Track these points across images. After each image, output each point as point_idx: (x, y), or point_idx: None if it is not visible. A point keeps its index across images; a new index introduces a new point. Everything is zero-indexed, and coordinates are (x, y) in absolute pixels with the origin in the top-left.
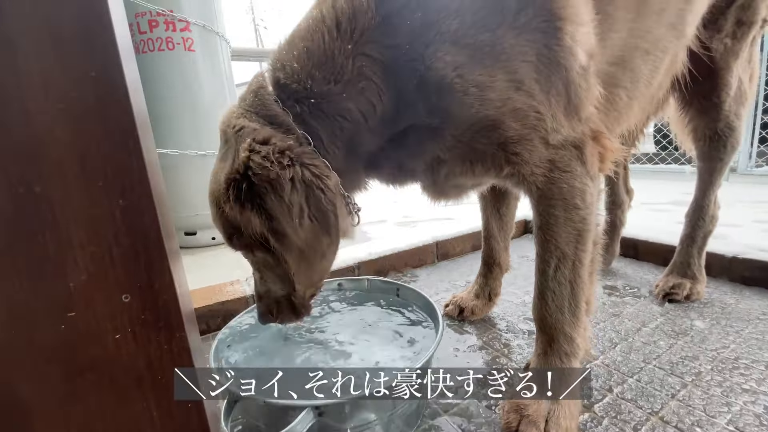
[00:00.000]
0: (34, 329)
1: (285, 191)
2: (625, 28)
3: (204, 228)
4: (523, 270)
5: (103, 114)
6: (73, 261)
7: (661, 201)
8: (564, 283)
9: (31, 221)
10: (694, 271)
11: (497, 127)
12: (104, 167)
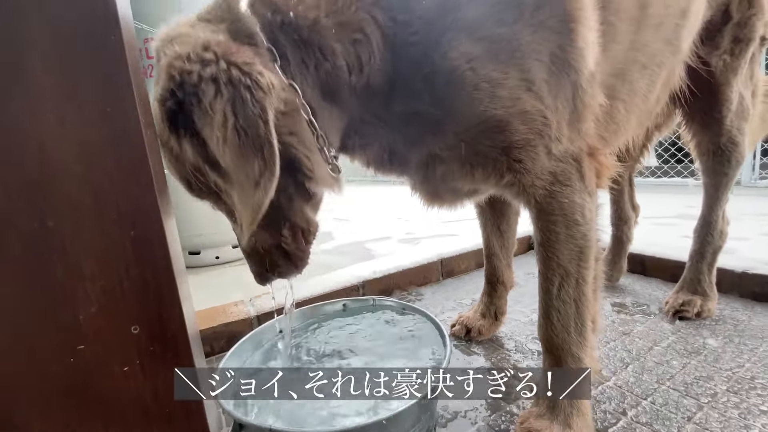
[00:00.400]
0: (44, 362)
1: (207, 96)
2: (626, 39)
3: (208, 247)
4: (530, 287)
5: (118, 149)
6: (84, 293)
7: (665, 215)
8: (569, 301)
9: (43, 255)
10: (704, 288)
11: (504, 128)
12: (117, 200)
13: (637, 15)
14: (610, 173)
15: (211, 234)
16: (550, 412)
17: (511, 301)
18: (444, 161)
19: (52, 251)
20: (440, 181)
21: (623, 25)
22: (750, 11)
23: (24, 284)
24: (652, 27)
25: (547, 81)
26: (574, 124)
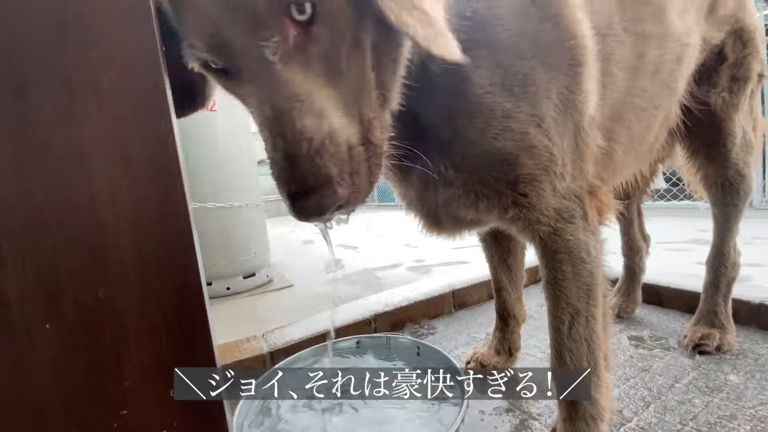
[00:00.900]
0: (88, 427)
1: None
2: (624, 86)
3: (219, 278)
4: (543, 321)
5: (165, 223)
6: (129, 359)
7: (677, 240)
8: (580, 341)
9: (94, 323)
10: (722, 321)
11: (511, 161)
12: (161, 271)
13: (635, 64)
14: (610, 211)
15: (223, 265)
16: None
17: (526, 335)
18: (449, 183)
19: (102, 319)
20: (442, 206)
21: (622, 74)
22: (745, 51)
23: (76, 350)
24: (649, 73)
25: (554, 119)
26: (577, 163)
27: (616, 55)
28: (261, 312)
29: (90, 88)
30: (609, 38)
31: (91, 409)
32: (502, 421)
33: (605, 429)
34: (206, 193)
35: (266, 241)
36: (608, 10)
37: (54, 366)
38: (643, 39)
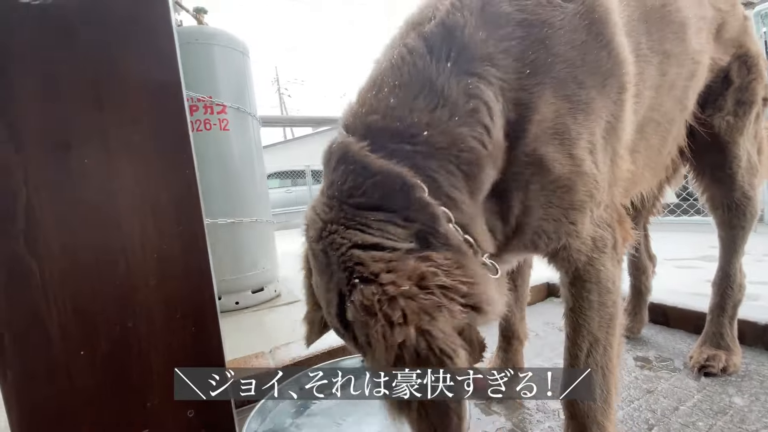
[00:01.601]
0: None
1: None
2: (648, 104)
3: (228, 293)
4: (550, 339)
5: (186, 260)
6: (151, 385)
7: (686, 256)
8: (596, 368)
9: (123, 351)
10: (728, 342)
11: (570, 188)
12: (182, 305)
13: (659, 82)
14: (631, 242)
15: (232, 280)
16: None
17: (531, 354)
18: (520, 231)
19: (130, 348)
20: (509, 253)
21: (648, 93)
22: (750, 76)
23: (107, 376)
24: (666, 89)
25: (602, 147)
26: (610, 190)
27: (645, 74)
28: (269, 326)
29: (123, 145)
30: (639, 59)
31: (118, 427)
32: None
33: None
34: (217, 209)
35: (275, 256)
36: (637, 32)
37: (87, 391)
38: (667, 58)
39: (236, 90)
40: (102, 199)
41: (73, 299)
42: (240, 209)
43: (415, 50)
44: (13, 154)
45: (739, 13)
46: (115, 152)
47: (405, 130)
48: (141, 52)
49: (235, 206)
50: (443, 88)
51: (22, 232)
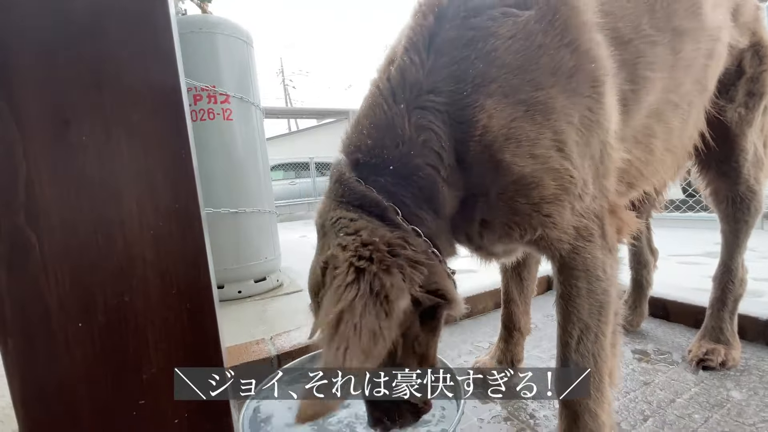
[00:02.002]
0: (111, 417)
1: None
2: (660, 86)
3: (231, 282)
4: (549, 331)
5: (182, 239)
6: (147, 358)
7: (690, 252)
8: (587, 356)
9: (119, 326)
10: (727, 337)
11: (537, 184)
12: (178, 281)
13: (672, 62)
14: (631, 229)
15: (235, 269)
16: None
17: (529, 346)
18: (488, 225)
19: (127, 321)
20: (490, 243)
21: (657, 74)
22: (761, 67)
23: (104, 349)
24: (683, 68)
25: (576, 142)
26: (599, 181)
27: (649, 56)
28: (271, 315)
29: (122, 124)
30: (635, 42)
31: (115, 399)
32: (500, 429)
33: None
34: (220, 199)
35: (277, 246)
36: (634, 13)
37: (85, 362)
38: (679, 35)
39: (240, 79)
40: (100, 176)
41: (72, 272)
42: (243, 199)
43: (383, 94)
44: (14, 130)
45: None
46: (113, 131)
47: (379, 165)
48: (139, 34)
49: (238, 196)
50: (402, 128)
51: (22, 206)
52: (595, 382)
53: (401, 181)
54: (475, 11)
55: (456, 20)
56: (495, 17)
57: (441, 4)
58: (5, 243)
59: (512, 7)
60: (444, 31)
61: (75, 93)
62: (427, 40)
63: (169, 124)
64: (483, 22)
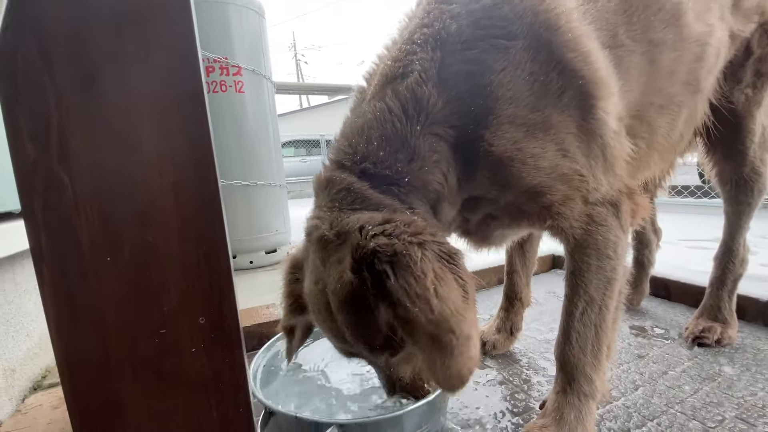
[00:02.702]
0: (136, 343)
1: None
2: (638, 89)
3: (243, 252)
4: (549, 306)
5: (198, 187)
6: (168, 292)
7: (701, 238)
8: (589, 325)
9: (144, 262)
10: (725, 315)
11: (546, 191)
12: (195, 225)
13: (649, 69)
14: (644, 213)
15: (247, 240)
16: (555, 424)
17: (530, 319)
18: (496, 218)
19: (150, 259)
20: (491, 231)
21: (635, 79)
22: None
23: (130, 281)
24: (665, 74)
25: (579, 146)
26: (609, 171)
27: (627, 63)
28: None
29: (142, 79)
30: (614, 50)
31: (139, 327)
32: (494, 391)
33: (594, 408)
34: (233, 172)
35: (288, 220)
36: (613, 24)
37: (113, 291)
38: (655, 46)
39: (252, 52)
40: (123, 126)
41: (100, 212)
42: (254, 172)
43: (393, 111)
44: (47, 81)
45: None
46: (134, 83)
47: (393, 176)
48: None
49: (250, 169)
50: (416, 146)
51: (56, 150)
52: (594, 350)
53: (414, 191)
54: (468, 44)
55: (455, 54)
56: (486, 50)
57: (440, 36)
58: (41, 182)
59: (500, 39)
60: (447, 65)
61: (101, 47)
62: (436, 73)
63: (187, 80)
64: (476, 55)
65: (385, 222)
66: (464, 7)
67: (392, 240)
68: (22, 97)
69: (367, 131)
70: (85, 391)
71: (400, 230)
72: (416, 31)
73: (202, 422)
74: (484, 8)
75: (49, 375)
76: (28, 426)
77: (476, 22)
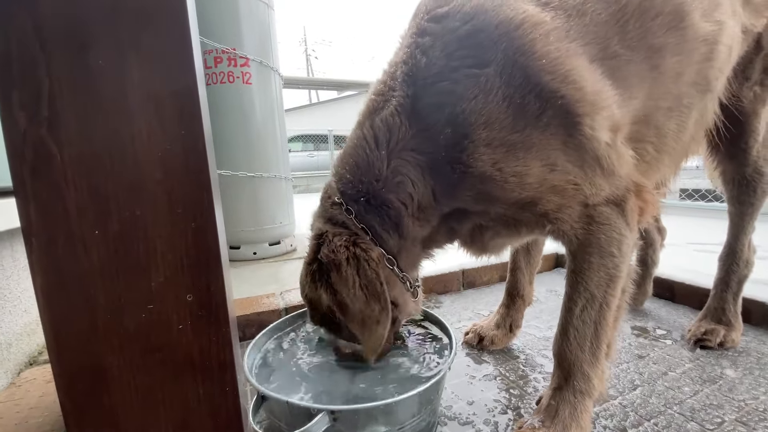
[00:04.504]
0: (123, 316)
1: (342, 267)
2: (642, 94)
3: (247, 243)
4: (550, 305)
5: (186, 160)
6: (156, 267)
7: (709, 241)
8: (588, 323)
9: (131, 236)
10: (729, 318)
11: (537, 203)
12: (183, 199)
13: (653, 74)
14: (654, 211)
15: (251, 231)
16: (550, 420)
17: (529, 317)
18: (490, 228)
19: (137, 232)
20: (488, 241)
21: (637, 86)
22: None
23: (117, 254)
24: (670, 78)
25: (568, 160)
26: (611, 176)
27: (622, 73)
28: (283, 276)
29: (132, 47)
30: (608, 62)
31: (126, 301)
32: (490, 386)
33: (590, 406)
34: (238, 163)
35: (292, 212)
36: (603, 36)
37: (100, 265)
38: (656, 51)
39: (260, 43)
40: (114, 95)
41: (89, 182)
42: (260, 164)
43: (367, 139)
44: (38, 50)
45: None
46: (125, 52)
47: (356, 195)
48: None
49: (255, 161)
50: (380, 169)
51: (45, 119)
52: (593, 348)
53: (373, 209)
54: (438, 77)
55: (426, 88)
56: (458, 80)
57: (412, 72)
58: (30, 150)
59: (472, 68)
60: (419, 98)
61: (93, 16)
62: (410, 106)
63: (177, 48)
64: (447, 87)
65: (334, 236)
66: (438, 39)
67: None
68: (15, 70)
69: (347, 157)
70: (72, 361)
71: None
72: (397, 67)
73: (187, 399)
74: (459, 38)
75: (45, 351)
76: (21, 398)
77: (450, 53)
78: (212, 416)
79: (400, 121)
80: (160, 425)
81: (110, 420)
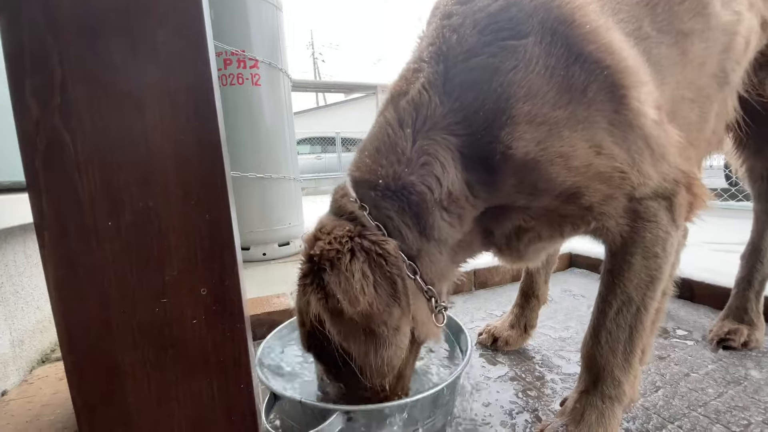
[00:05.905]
0: (136, 310)
1: (342, 262)
2: (671, 82)
3: (257, 244)
4: (565, 304)
5: (201, 152)
6: (170, 260)
7: (727, 241)
8: (623, 326)
9: (144, 228)
10: (751, 317)
11: (583, 192)
12: (198, 191)
13: (682, 60)
14: (703, 206)
15: (261, 232)
16: (574, 425)
17: (544, 317)
18: (530, 229)
19: (151, 224)
20: (526, 245)
21: (665, 72)
22: None
23: (130, 247)
24: (696, 66)
25: (614, 141)
26: (659, 162)
27: (656, 55)
28: (293, 277)
29: (146, 41)
30: (643, 42)
31: (139, 295)
32: (506, 387)
33: (619, 412)
34: (248, 164)
35: (301, 214)
36: (636, 16)
37: (113, 258)
38: (684, 36)
39: (269, 45)
40: (127, 87)
41: (102, 172)
42: (269, 165)
43: (390, 122)
44: (50, 39)
45: None
46: (138, 45)
47: (371, 180)
48: None
49: (265, 162)
50: (404, 149)
51: (57, 107)
52: (626, 353)
53: (391, 195)
54: (472, 53)
55: (458, 64)
56: (494, 53)
57: (442, 51)
58: (42, 140)
59: (509, 40)
60: (451, 76)
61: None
62: (439, 83)
63: (192, 45)
64: (483, 61)
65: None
66: (468, 17)
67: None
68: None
69: (366, 144)
70: (85, 357)
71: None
72: (424, 50)
73: (201, 396)
74: (490, 14)
75: (58, 348)
76: (33, 395)
77: (482, 29)
78: (227, 414)
79: (429, 97)
80: (174, 422)
81: (123, 417)
